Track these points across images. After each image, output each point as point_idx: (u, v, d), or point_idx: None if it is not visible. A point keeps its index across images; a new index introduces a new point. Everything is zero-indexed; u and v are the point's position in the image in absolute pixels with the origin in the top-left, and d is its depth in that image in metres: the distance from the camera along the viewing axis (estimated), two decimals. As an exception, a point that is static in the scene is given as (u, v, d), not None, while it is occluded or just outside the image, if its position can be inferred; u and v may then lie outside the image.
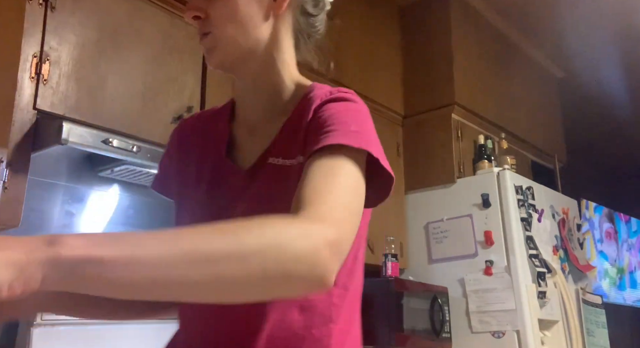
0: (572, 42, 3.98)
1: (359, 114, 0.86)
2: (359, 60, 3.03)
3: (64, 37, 1.79)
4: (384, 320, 2.56)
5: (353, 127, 0.81)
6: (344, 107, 0.84)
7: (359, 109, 0.87)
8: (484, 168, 3.12)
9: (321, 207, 0.67)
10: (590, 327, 3.16)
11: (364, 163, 0.80)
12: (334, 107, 0.83)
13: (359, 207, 0.74)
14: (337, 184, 0.72)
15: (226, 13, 0.85)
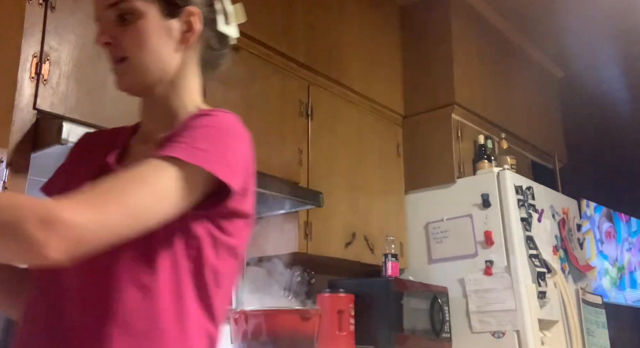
0: (572, 42, 3.98)
1: (216, 131, 0.88)
2: (359, 60, 3.03)
3: (64, 37, 1.79)
4: (384, 320, 2.56)
5: (199, 143, 0.84)
6: (202, 123, 0.88)
7: (219, 127, 0.89)
8: (484, 168, 3.12)
9: (81, 195, 0.75)
10: (590, 327, 3.16)
11: (198, 179, 0.83)
12: (193, 121, 0.88)
13: (146, 211, 0.77)
14: (124, 183, 0.78)
15: (138, 41, 0.91)
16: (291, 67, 2.63)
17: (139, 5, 0.91)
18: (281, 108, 2.53)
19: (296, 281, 2.56)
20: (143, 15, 0.92)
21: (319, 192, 2.48)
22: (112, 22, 0.92)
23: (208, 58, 1.02)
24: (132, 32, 0.91)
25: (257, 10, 2.47)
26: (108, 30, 0.91)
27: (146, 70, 0.93)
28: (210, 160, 0.83)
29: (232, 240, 0.91)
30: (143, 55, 0.92)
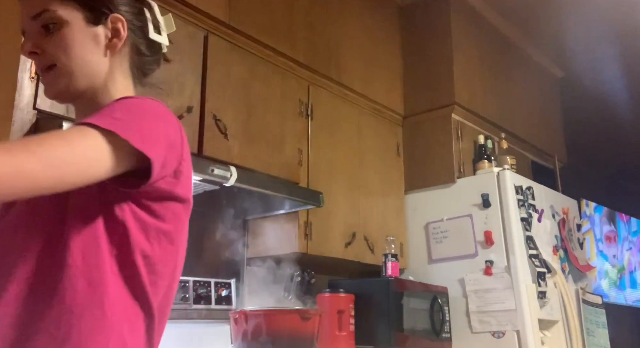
0: (572, 42, 3.98)
1: (136, 107, 0.88)
2: (359, 60, 3.03)
3: (64, 37, 1.79)
4: (384, 320, 2.56)
5: (117, 114, 0.84)
6: (123, 102, 0.89)
7: (140, 105, 0.89)
8: (484, 168, 3.12)
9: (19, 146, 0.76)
10: (590, 327, 3.16)
11: (118, 147, 0.81)
12: (114, 102, 0.90)
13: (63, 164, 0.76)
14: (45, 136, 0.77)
15: (63, 48, 0.93)
16: (291, 67, 2.63)
17: (62, 14, 0.94)
18: (281, 108, 2.53)
19: (296, 281, 2.56)
20: (67, 24, 0.94)
21: (319, 192, 2.48)
22: (37, 33, 0.94)
23: (138, 63, 1.03)
24: (56, 40, 0.93)
25: (257, 10, 2.47)
26: (33, 40, 0.94)
27: (74, 76, 0.95)
28: (126, 128, 0.81)
29: (165, 224, 0.90)
30: (69, 61, 0.94)
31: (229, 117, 2.26)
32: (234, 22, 2.35)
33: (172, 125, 0.91)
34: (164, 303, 0.93)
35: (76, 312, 0.81)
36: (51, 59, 0.94)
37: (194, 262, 2.40)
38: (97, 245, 0.84)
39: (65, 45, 0.94)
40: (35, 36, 0.94)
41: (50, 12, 0.94)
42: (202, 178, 2.01)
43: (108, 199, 0.86)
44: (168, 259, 0.92)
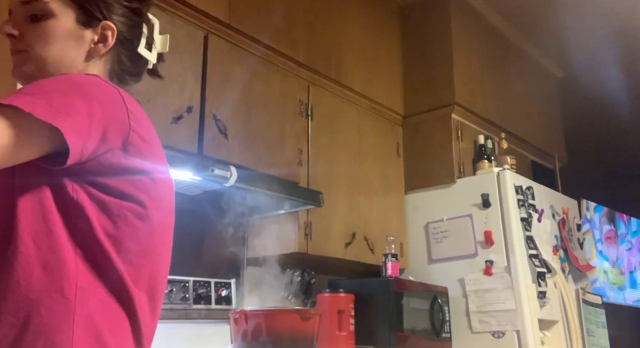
0: (572, 42, 3.98)
1: (60, 81, 0.84)
2: (359, 60, 3.03)
3: (64, 37, 1.79)
4: (384, 320, 2.56)
5: (31, 89, 0.80)
6: (47, 79, 0.85)
7: (65, 78, 0.86)
8: (484, 168, 3.12)
9: None
10: (590, 327, 3.16)
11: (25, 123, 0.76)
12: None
13: None
14: None
15: (42, 38, 0.95)
16: (291, 67, 2.63)
17: (53, 7, 0.96)
18: (281, 108, 2.53)
19: (296, 281, 2.56)
20: (54, 17, 0.96)
21: (319, 192, 2.48)
22: (22, 18, 0.96)
23: (117, 72, 1.04)
24: (38, 30, 0.95)
25: (257, 10, 2.47)
26: (16, 24, 0.95)
27: (44, 64, 0.96)
28: (32, 101, 0.76)
29: (127, 201, 0.87)
30: (43, 51, 0.95)
31: (229, 117, 2.26)
32: (234, 22, 2.35)
33: (109, 97, 0.87)
34: (152, 282, 0.91)
35: (34, 299, 0.79)
36: (25, 46, 0.95)
37: (194, 262, 2.40)
38: (50, 229, 0.82)
39: (45, 37, 0.95)
40: (19, 20, 0.96)
41: (42, 2, 0.95)
42: (202, 178, 2.01)
43: (57, 181, 0.83)
44: (140, 236, 0.89)
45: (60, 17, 0.96)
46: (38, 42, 0.95)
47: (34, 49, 0.95)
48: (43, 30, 0.95)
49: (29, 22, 0.96)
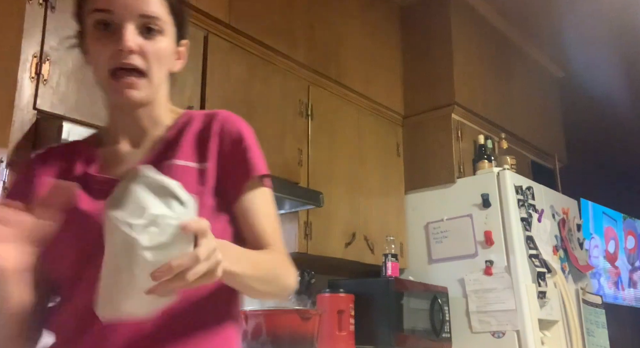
0: (572, 42, 3.98)
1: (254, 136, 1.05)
2: (359, 60, 3.03)
3: (64, 37, 1.79)
4: (384, 320, 2.56)
5: (259, 152, 1.03)
6: (248, 129, 1.05)
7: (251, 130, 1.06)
8: (484, 168, 3.12)
9: (280, 246, 0.98)
10: (590, 327, 3.16)
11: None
12: (244, 130, 1.04)
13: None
14: (276, 220, 1.00)
15: (159, 57, 0.93)
16: (291, 67, 2.63)
17: (166, 26, 0.94)
18: (281, 108, 2.53)
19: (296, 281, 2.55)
20: (166, 35, 0.94)
21: (319, 192, 2.48)
22: (137, 32, 0.91)
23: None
24: (156, 48, 0.92)
25: (257, 10, 2.47)
26: (134, 38, 0.90)
27: (157, 86, 0.95)
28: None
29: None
30: (160, 73, 0.94)
31: (229, 117, 2.26)
32: (234, 22, 2.35)
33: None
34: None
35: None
36: (145, 65, 0.91)
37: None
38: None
39: (160, 55, 0.93)
40: (134, 34, 0.90)
41: (163, 21, 0.93)
42: (202, 178, 2.01)
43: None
44: None
45: (168, 35, 0.95)
46: (155, 61, 0.92)
47: (151, 69, 0.92)
48: (159, 49, 0.93)
49: (141, 37, 0.91)
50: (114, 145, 0.99)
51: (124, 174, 0.89)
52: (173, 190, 0.74)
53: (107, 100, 0.98)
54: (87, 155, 0.98)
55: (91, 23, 0.91)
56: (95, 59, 0.91)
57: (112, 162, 0.97)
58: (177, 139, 0.97)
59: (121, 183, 0.75)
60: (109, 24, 0.90)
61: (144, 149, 0.99)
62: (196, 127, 0.99)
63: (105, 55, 0.89)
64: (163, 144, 0.97)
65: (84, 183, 0.93)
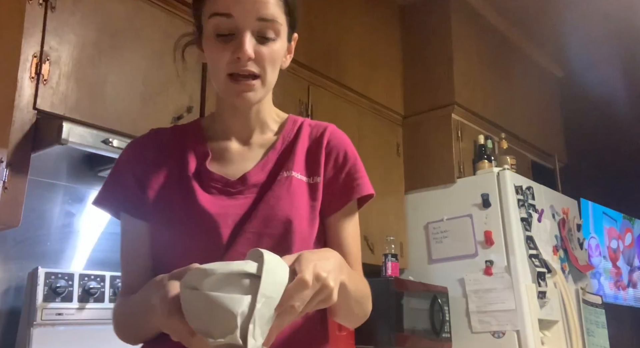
0: (572, 42, 3.98)
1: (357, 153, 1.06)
2: (359, 60, 3.03)
3: (64, 37, 1.79)
4: (384, 320, 2.56)
5: (365, 173, 1.03)
6: (353, 147, 1.06)
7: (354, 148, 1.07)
8: (484, 168, 3.12)
9: (361, 270, 1.02)
10: (590, 327, 3.16)
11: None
12: (350, 148, 1.05)
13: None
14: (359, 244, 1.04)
15: (273, 61, 0.94)
16: (291, 67, 2.62)
17: (282, 29, 0.94)
18: (281, 108, 2.52)
19: (296, 281, 2.55)
20: (281, 37, 0.95)
21: (319, 192, 2.47)
22: (254, 36, 0.92)
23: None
24: (271, 52, 0.93)
25: (257, 10, 2.47)
26: (252, 45, 0.91)
27: (269, 88, 0.98)
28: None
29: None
30: (272, 75, 0.95)
31: (229, 117, 2.26)
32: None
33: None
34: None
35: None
36: (259, 69, 0.92)
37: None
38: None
39: (274, 59, 0.94)
40: (252, 41, 0.91)
41: (279, 24, 0.93)
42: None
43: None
44: None
45: (283, 37, 0.96)
46: (269, 65, 0.93)
47: (265, 73, 0.93)
48: (273, 53, 0.93)
49: (258, 41, 0.92)
50: (224, 142, 1.01)
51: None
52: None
53: (220, 99, 1.01)
54: (200, 148, 1.00)
55: (211, 27, 0.92)
56: (214, 62, 0.93)
57: (223, 159, 1.00)
58: (289, 150, 1.00)
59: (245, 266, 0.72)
60: (228, 29, 0.91)
61: (254, 152, 1.01)
62: (305, 138, 1.02)
63: (224, 60, 0.91)
64: (277, 153, 1.00)
65: (198, 177, 0.96)
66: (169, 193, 0.96)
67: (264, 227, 0.91)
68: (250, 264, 0.72)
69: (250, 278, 0.70)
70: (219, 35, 0.91)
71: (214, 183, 0.96)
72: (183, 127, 1.07)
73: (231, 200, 0.94)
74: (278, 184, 0.95)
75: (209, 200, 0.94)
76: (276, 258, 0.74)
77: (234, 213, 0.93)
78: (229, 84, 0.92)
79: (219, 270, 0.70)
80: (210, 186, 0.95)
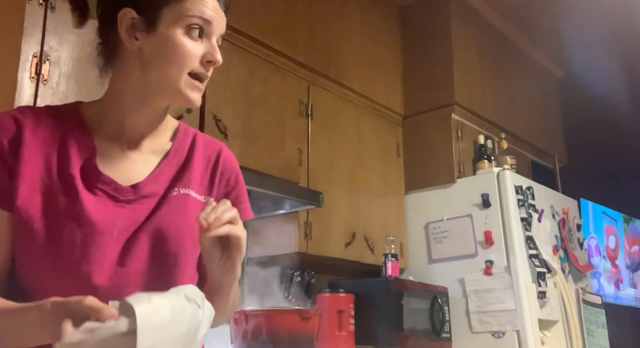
0: (572, 42, 3.98)
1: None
2: (359, 60, 3.03)
3: (64, 37, 1.79)
4: (384, 320, 2.56)
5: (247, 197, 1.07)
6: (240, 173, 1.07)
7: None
8: (484, 168, 3.12)
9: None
10: (590, 327, 3.16)
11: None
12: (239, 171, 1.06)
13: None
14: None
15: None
16: (291, 67, 2.63)
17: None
18: (281, 108, 2.53)
19: (296, 281, 2.56)
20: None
21: (319, 192, 2.48)
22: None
23: None
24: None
25: (257, 10, 2.47)
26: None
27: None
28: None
29: None
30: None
31: (229, 117, 2.26)
32: (234, 22, 2.35)
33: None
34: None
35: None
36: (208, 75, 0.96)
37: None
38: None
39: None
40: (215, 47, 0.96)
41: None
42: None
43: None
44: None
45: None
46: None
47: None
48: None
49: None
50: (111, 139, 0.95)
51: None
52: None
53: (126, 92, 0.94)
54: (84, 141, 0.92)
55: (185, 24, 0.92)
56: (178, 56, 0.91)
57: (110, 159, 0.93)
58: (186, 165, 0.99)
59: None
60: (200, 32, 0.94)
61: (145, 157, 0.97)
62: (200, 155, 1.01)
63: (194, 58, 0.92)
64: (171, 166, 0.97)
65: (83, 175, 0.89)
66: (45, 188, 0.87)
67: (155, 244, 0.89)
68: (121, 322, 0.67)
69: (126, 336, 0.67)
70: (192, 34, 0.93)
71: (101, 185, 0.90)
72: (60, 111, 0.97)
73: (118, 208, 0.89)
74: (174, 201, 0.93)
75: (94, 203, 0.87)
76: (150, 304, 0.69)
77: (120, 223, 0.88)
78: (189, 81, 0.92)
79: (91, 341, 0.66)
80: (95, 188, 0.89)
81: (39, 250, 0.85)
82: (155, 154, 0.98)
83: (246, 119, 2.35)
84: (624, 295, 4.90)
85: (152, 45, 0.91)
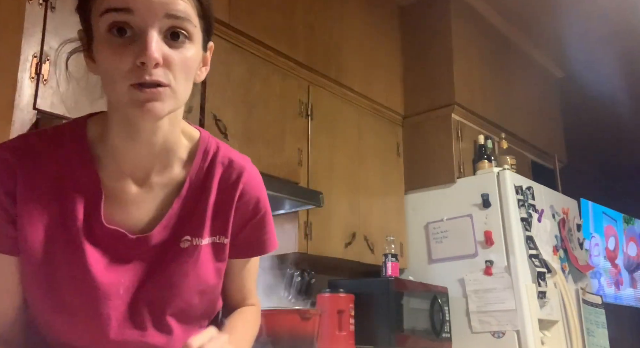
0: (572, 42, 3.98)
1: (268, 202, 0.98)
2: (359, 60, 3.03)
3: (64, 37, 1.79)
4: (384, 320, 2.56)
5: (273, 226, 0.98)
6: (266, 197, 0.95)
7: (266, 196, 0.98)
8: (484, 168, 3.12)
9: (256, 295, 1.11)
10: (590, 327, 3.16)
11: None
12: (263, 196, 0.94)
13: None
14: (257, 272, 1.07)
15: (185, 69, 0.77)
16: (291, 67, 2.63)
17: (195, 30, 0.78)
18: (281, 108, 2.53)
19: (296, 281, 2.56)
20: (194, 43, 0.79)
21: (319, 192, 2.48)
22: (162, 38, 0.75)
23: None
24: (183, 59, 0.76)
25: (257, 10, 2.47)
26: (160, 48, 0.74)
27: (181, 103, 0.80)
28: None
29: None
30: (185, 87, 0.78)
31: (229, 117, 2.26)
32: (234, 22, 2.35)
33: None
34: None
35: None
36: (168, 78, 0.74)
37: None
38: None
39: (188, 67, 0.77)
40: (159, 42, 0.74)
41: (192, 25, 0.77)
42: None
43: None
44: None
45: (197, 43, 0.79)
46: (180, 74, 0.76)
47: (178, 83, 0.76)
48: (186, 60, 0.76)
49: (167, 45, 0.75)
50: (118, 180, 0.84)
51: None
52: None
53: (112, 124, 0.84)
54: (89, 180, 0.82)
55: (104, 26, 0.74)
56: (109, 71, 0.75)
57: (117, 199, 0.84)
58: (201, 201, 0.86)
59: None
60: (127, 28, 0.74)
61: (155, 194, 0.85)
62: (215, 187, 0.88)
63: (123, 68, 0.73)
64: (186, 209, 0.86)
65: (88, 227, 0.81)
66: (49, 243, 0.79)
67: (162, 297, 0.83)
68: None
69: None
70: (116, 37, 0.73)
71: (107, 239, 0.81)
72: (60, 138, 0.85)
73: (124, 264, 0.82)
74: (184, 255, 0.84)
75: (98, 261, 0.80)
76: None
77: (126, 281, 0.81)
78: (132, 93, 0.73)
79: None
80: (101, 241, 0.81)
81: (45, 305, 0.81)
82: (167, 188, 0.86)
83: (246, 119, 2.35)
84: (624, 295, 4.90)
85: (97, 64, 0.79)
